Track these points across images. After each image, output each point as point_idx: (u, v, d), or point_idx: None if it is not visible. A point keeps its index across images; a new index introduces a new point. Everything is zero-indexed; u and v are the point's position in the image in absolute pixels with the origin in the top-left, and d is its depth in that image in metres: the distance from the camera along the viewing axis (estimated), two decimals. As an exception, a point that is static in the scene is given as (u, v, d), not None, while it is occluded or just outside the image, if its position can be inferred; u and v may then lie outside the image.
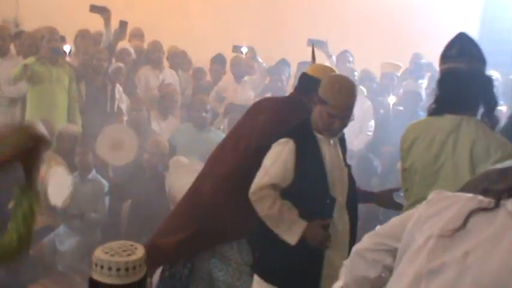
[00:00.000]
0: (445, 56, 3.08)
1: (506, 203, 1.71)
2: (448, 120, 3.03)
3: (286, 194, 3.28)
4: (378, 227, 2.08)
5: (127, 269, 2.27)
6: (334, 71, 3.81)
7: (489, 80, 3.03)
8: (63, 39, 6.90)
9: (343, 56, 7.45)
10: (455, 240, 1.72)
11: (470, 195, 1.82)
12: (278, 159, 3.26)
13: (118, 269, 2.25)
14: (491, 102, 3.01)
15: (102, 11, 6.87)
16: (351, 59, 7.48)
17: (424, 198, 2.37)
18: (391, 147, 5.98)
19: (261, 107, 3.88)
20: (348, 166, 3.47)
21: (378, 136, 6.60)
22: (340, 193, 3.34)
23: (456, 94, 3.03)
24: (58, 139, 5.78)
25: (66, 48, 6.79)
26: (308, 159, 3.29)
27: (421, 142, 3.09)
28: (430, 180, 3.01)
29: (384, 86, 7.22)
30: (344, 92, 3.22)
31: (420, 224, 1.82)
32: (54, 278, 5.13)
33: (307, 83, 3.63)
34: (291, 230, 3.24)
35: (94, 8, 6.84)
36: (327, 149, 3.34)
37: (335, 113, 3.23)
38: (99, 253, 2.30)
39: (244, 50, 7.45)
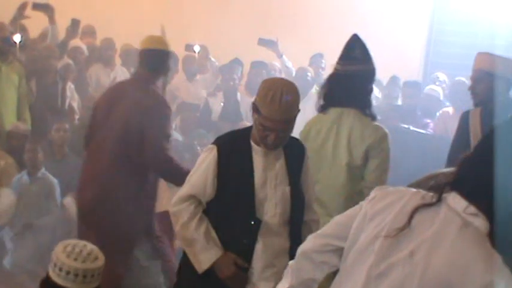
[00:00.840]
0: (346, 57, 3.52)
1: (447, 197, 1.75)
2: (331, 113, 3.55)
3: (209, 210, 2.99)
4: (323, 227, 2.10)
5: (85, 276, 2.27)
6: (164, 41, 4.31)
7: (370, 81, 3.57)
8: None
9: (316, 59, 7.50)
10: (401, 240, 1.75)
11: (413, 190, 1.86)
12: (199, 168, 2.97)
13: (76, 275, 2.25)
14: (367, 99, 3.56)
15: (45, 9, 6.77)
16: (323, 65, 7.45)
17: (316, 182, 3.28)
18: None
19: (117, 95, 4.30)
20: (294, 184, 3.02)
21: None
22: (272, 214, 2.95)
23: (339, 91, 3.53)
24: (8, 137, 5.72)
25: (17, 38, 6.62)
26: (232, 171, 2.94)
27: (312, 133, 3.56)
28: (318, 165, 3.47)
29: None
30: (277, 102, 2.79)
31: (365, 223, 1.85)
32: (1, 278, 5.04)
33: (149, 57, 4.15)
34: (200, 257, 2.92)
35: (36, 6, 6.71)
36: (262, 161, 2.96)
37: (268, 125, 2.84)
38: (60, 254, 2.28)
39: (196, 48, 7.44)
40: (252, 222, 2.91)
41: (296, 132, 3.20)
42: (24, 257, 5.11)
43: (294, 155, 3.04)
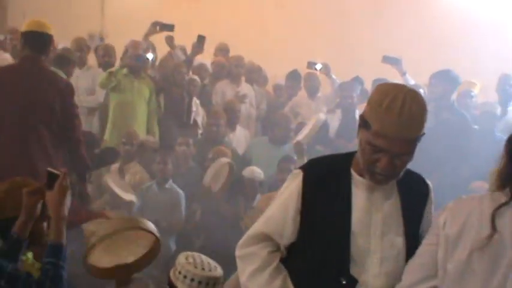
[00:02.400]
0: None
1: None
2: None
3: (288, 259, 2.27)
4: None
5: (207, 284, 2.48)
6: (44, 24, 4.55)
7: None
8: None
9: None
10: (497, 247, 1.76)
11: (477, 195, 1.87)
12: (279, 199, 2.26)
13: (200, 282, 2.46)
14: None
15: (171, 29, 7.13)
16: None
17: None
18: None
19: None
20: (411, 234, 2.18)
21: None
22: (375, 273, 2.14)
23: None
24: (139, 149, 6.08)
25: (149, 56, 7.06)
26: (321, 207, 2.19)
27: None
28: None
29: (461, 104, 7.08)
30: (396, 111, 2.01)
31: (451, 247, 1.85)
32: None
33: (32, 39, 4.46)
34: None
35: (163, 27, 7.09)
36: (365, 198, 2.18)
37: (379, 144, 2.06)
38: (183, 263, 2.50)
39: (318, 66, 7.51)
40: (344, 282, 2.14)
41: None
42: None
43: (413, 194, 2.22)
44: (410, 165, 2.21)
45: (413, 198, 2.22)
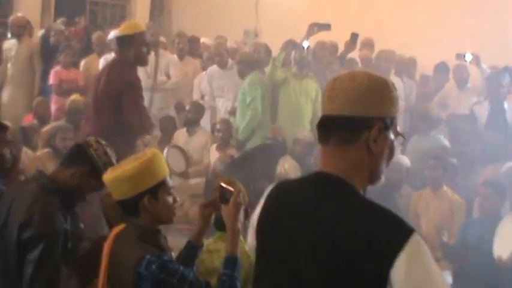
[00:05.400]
0: None
1: None
2: None
3: None
4: None
5: None
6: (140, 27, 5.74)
7: None
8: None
9: None
10: None
11: None
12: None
13: None
14: None
15: (327, 28, 7.29)
16: None
17: None
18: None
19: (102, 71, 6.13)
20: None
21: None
22: None
23: None
24: (294, 144, 6.57)
25: (305, 44, 7.22)
26: None
27: None
28: None
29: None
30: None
31: None
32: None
33: (121, 42, 5.56)
34: None
35: (320, 27, 7.26)
36: None
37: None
38: None
39: (468, 57, 7.52)
40: None
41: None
42: None
43: None
44: None
45: None
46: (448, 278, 5.04)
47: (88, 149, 3.09)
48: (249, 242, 2.21)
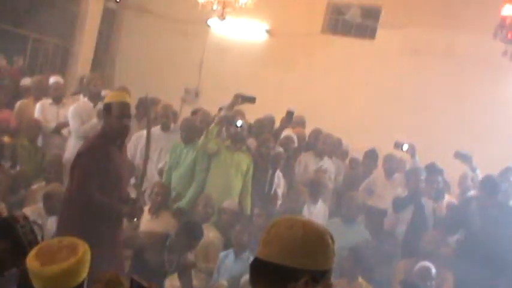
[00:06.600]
0: None
1: None
2: None
3: None
4: None
5: None
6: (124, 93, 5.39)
7: None
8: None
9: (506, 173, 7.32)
10: None
11: None
12: None
13: None
14: None
15: (251, 101, 7.24)
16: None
17: None
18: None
19: None
20: None
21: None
22: None
23: None
24: (220, 212, 6.61)
25: (238, 123, 7.19)
26: None
27: None
28: None
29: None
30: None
31: None
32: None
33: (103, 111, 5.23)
34: None
35: (244, 99, 7.19)
36: None
37: None
38: None
39: (405, 147, 7.52)
40: None
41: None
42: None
43: None
44: None
45: None
46: None
47: (15, 225, 3.05)
48: None
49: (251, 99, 7.23)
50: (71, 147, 7.47)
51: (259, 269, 1.92)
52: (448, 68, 9.18)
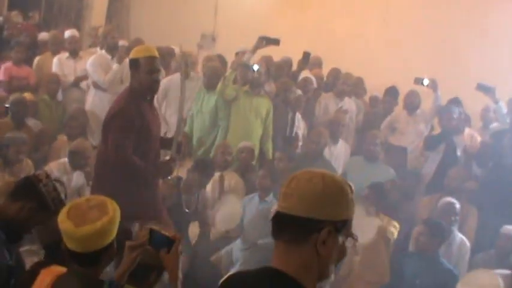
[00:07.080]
0: None
1: None
2: None
3: None
4: None
5: None
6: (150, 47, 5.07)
7: None
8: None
9: None
10: None
11: None
12: None
13: None
14: None
15: (275, 43, 7.15)
16: None
17: None
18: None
19: None
20: None
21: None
22: None
23: None
24: (238, 152, 6.66)
25: (255, 67, 7.14)
26: None
27: None
28: None
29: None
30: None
31: None
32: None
33: (130, 67, 4.98)
34: None
35: (268, 41, 7.08)
36: None
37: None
38: None
39: (425, 82, 7.38)
40: None
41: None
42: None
43: None
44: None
45: None
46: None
47: (37, 184, 3.10)
48: None
49: (275, 41, 7.14)
50: (91, 100, 7.53)
51: (281, 222, 1.94)
52: (471, 1, 8.97)
